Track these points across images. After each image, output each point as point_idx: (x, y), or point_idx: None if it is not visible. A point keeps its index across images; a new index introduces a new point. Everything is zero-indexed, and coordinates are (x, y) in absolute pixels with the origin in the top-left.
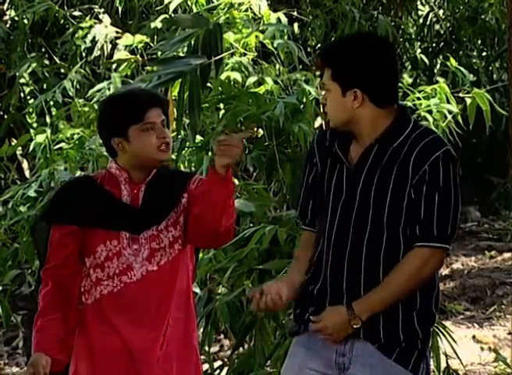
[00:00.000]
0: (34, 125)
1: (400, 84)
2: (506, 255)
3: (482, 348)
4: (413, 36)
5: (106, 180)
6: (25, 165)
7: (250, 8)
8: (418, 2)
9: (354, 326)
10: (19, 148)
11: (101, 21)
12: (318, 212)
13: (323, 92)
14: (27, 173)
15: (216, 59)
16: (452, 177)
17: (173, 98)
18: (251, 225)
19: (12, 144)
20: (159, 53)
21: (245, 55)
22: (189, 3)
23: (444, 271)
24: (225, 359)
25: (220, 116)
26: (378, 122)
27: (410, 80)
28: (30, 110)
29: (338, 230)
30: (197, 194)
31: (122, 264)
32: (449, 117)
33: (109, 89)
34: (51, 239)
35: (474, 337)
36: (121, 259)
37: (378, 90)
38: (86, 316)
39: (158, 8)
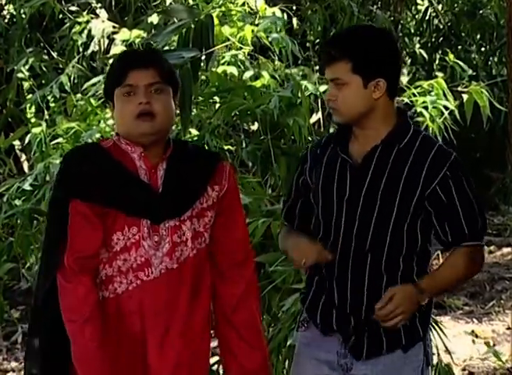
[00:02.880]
0: (32, 120)
1: None
2: (505, 250)
3: (481, 343)
4: (412, 31)
5: (118, 153)
6: (24, 159)
7: (247, 3)
8: None
9: (421, 303)
10: (18, 142)
11: (98, 16)
12: (306, 217)
13: (330, 87)
14: (26, 167)
15: (208, 52)
16: (468, 179)
17: None
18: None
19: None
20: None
21: (241, 49)
22: None
23: None
24: None
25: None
26: (388, 115)
27: (406, 79)
28: (28, 105)
29: (344, 232)
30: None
31: (141, 257)
32: (446, 113)
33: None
34: (74, 222)
35: (473, 332)
36: (140, 251)
37: (395, 80)
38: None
39: (155, 3)
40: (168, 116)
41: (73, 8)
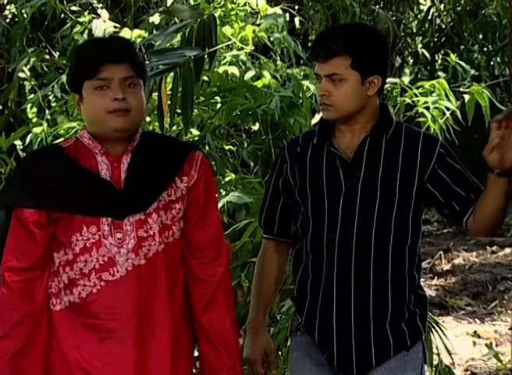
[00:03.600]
0: (34, 120)
1: (398, 81)
2: (508, 250)
3: (484, 344)
4: (414, 30)
5: (78, 151)
6: None
7: (249, 3)
8: None
9: None
10: (20, 142)
11: (99, 16)
12: (286, 220)
13: (324, 83)
14: None
15: (210, 51)
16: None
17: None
18: (246, 218)
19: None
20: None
21: (242, 49)
22: None
23: (445, 266)
24: None
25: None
26: (375, 111)
27: (407, 79)
28: (29, 105)
29: (342, 226)
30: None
31: (103, 257)
32: (448, 114)
33: None
34: (14, 230)
35: (475, 332)
36: (101, 251)
37: (386, 78)
38: (54, 327)
39: (156, 1)
40: (141, 111)
41: (75, 8)
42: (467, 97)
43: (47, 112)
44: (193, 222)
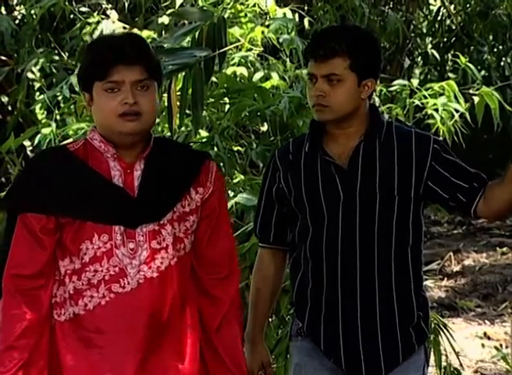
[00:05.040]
0: (43, 121)
1: (406, 82)
2: None
3: (493, 345)
4: (424, 31)
5: (89, 154)
6: None
7: (258, 5)
8: None
9: None
10: (29, 142)
11: (108, 17)
12: (282, 228)
13: (320, 83)
14: None
15: (220, 52)
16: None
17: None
18: None
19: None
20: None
21: (251, 50)
22: None
23: (455, 267)
24: None
25: (225, 111)
26: (366, 114)
27: (416, 81)
28: (39, 105)
29: (344, 234)
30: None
31: (114, 267)
32: (456, 116)
33: None
34: (19, 235)
35: (485, 334)
36: (112, 261)
37: (377, 81)
38: (56, 338)
39: (166, 3)
40: (153, 114)
41: (84, 9)
42: (476, 99)
43: (56, 112)
44: (206, 236)
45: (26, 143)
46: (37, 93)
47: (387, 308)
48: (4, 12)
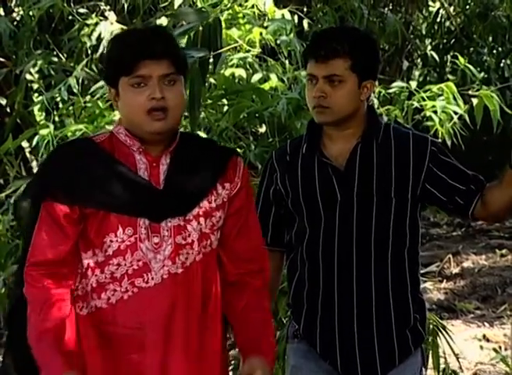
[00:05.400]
0: (42, 122)
1: (405, 84)
2: None
3: (492, 347)
4: (423, 33)
5: (115, 147)
6: (34, 161)
7: (256, 6)
8: None
9: None
10: (27, 144)
11: (106, 18)
12: (280, 229)
13: (321, 84)
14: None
15: (216, 54)
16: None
17: None
18: None
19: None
20: None
21: (249, 51)
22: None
23: (454, 269)
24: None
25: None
26: (364, 116)
27: (415, 83)
28: (37, 107)
29: (340, 235)
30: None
31: (138, 261)
32: (455, 118)
33: None
34: (42, 223)
35: (484, 336)
36: (136, 255)
37: (375, 82)
38: (79, 332)
39: (164, 4)
40: (180, 109)
41: (82, 10)
42: (475, 101)
43: (53, 114)
44: (234, 232)
45: (25, 144)
46: (35, 94)
47: (383, 310)
48: (2, 13)
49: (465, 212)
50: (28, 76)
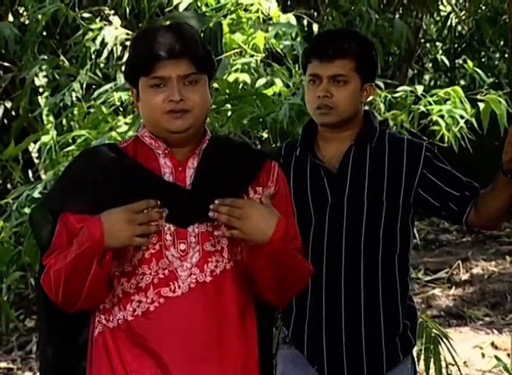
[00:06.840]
0: (46, 128)
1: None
2: None
3: (502, 355)
4: (434, 37)
5: (138, 151)
6: (40, 166)
7: (261, 10)
8: (439, 2)
9: None
10: (34, 149)
11: (111, 23)
12: None
13: (325, 84)
14: (43, 175)
15: (217, 59)
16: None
17: None
18: None
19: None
20: None
21: (253, 56)
22: (198, 4)
23: (463, 276)
24: None
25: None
26: (361, 118)
27: (421, 88)
28: (45, 112)
29: (330, 237)
30: None
31: (164, 270)
32: (462, 122)
33: (116, 90)
34: (58, 235)
35: (492, 343)
36: (162, 263)
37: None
38: (107, 345)
39: (169, 9)
40: (203, 109)
41: (86, 15)
42: (481, 105)
43: (56, 119)
44: None
45: (31, 148)
46: (41, 99)
47: (372, 316)
48: (11, 18)
49: (459, 219)
50: (36, 81)
